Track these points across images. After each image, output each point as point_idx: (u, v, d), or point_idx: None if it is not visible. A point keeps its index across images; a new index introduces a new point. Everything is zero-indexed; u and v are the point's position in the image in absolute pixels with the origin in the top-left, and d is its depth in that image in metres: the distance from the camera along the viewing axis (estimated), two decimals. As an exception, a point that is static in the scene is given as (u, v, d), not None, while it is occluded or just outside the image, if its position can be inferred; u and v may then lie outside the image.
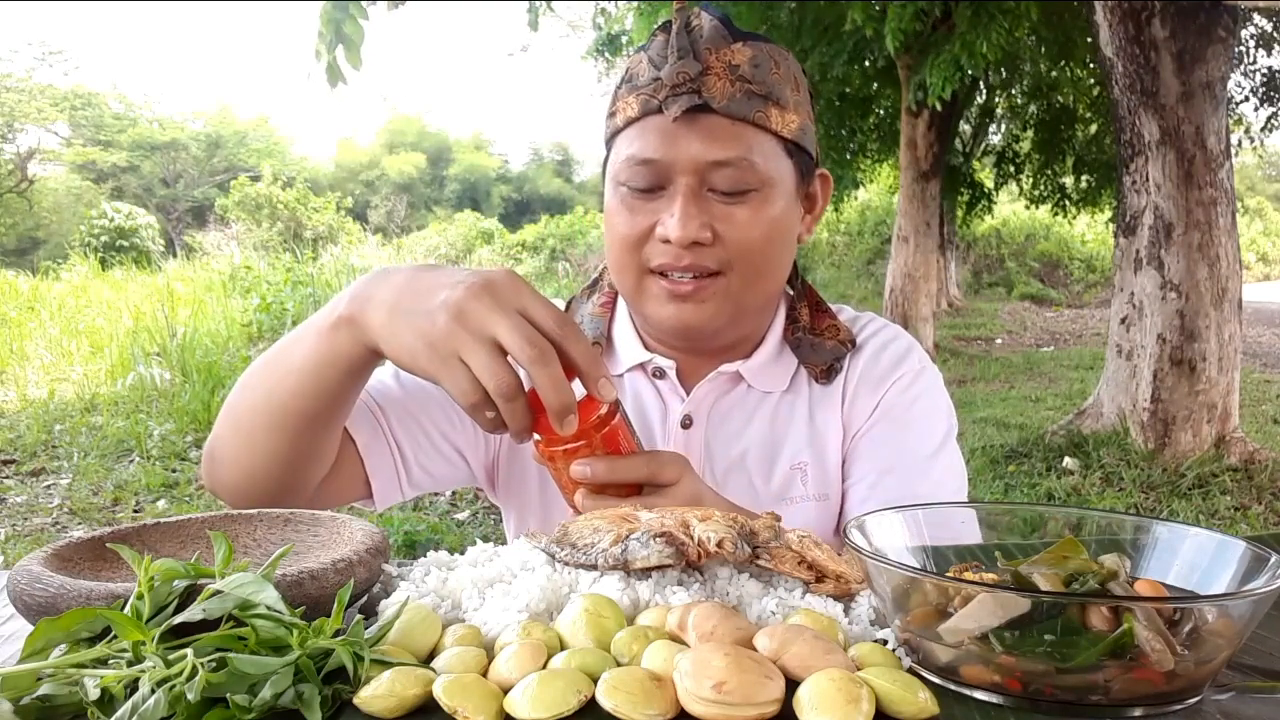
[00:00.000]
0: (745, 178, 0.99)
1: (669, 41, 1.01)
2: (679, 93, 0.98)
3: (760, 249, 1.02)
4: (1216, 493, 4.66)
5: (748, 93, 0.99)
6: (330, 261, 11.85)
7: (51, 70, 40.91)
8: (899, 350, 1.15)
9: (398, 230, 27.61)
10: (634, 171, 1.01)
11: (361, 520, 0.85)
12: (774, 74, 1.01)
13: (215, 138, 33.15)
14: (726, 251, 1.01)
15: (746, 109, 0.99)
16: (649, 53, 1.02)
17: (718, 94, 0.98)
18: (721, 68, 0.99)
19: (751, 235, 1.01)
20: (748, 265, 1.02)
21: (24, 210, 26.54)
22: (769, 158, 1.01)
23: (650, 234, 1.02)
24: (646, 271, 1.03)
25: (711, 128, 0.99)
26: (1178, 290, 4.96)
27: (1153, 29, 4.85)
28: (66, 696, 0.58)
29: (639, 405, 1.13)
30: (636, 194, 1.02)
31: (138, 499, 4.92)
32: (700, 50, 0.99)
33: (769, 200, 1.01)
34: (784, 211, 1.03)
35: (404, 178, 36.08)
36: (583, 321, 1.18)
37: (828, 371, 1.13)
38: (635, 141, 1.01)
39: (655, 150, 1.00)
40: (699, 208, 0.99)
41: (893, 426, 1.11)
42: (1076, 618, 0.58)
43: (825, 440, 1.12)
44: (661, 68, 1.00)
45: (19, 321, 9.28)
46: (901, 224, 9.59)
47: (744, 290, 1.04)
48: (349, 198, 29.27)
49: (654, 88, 1.00)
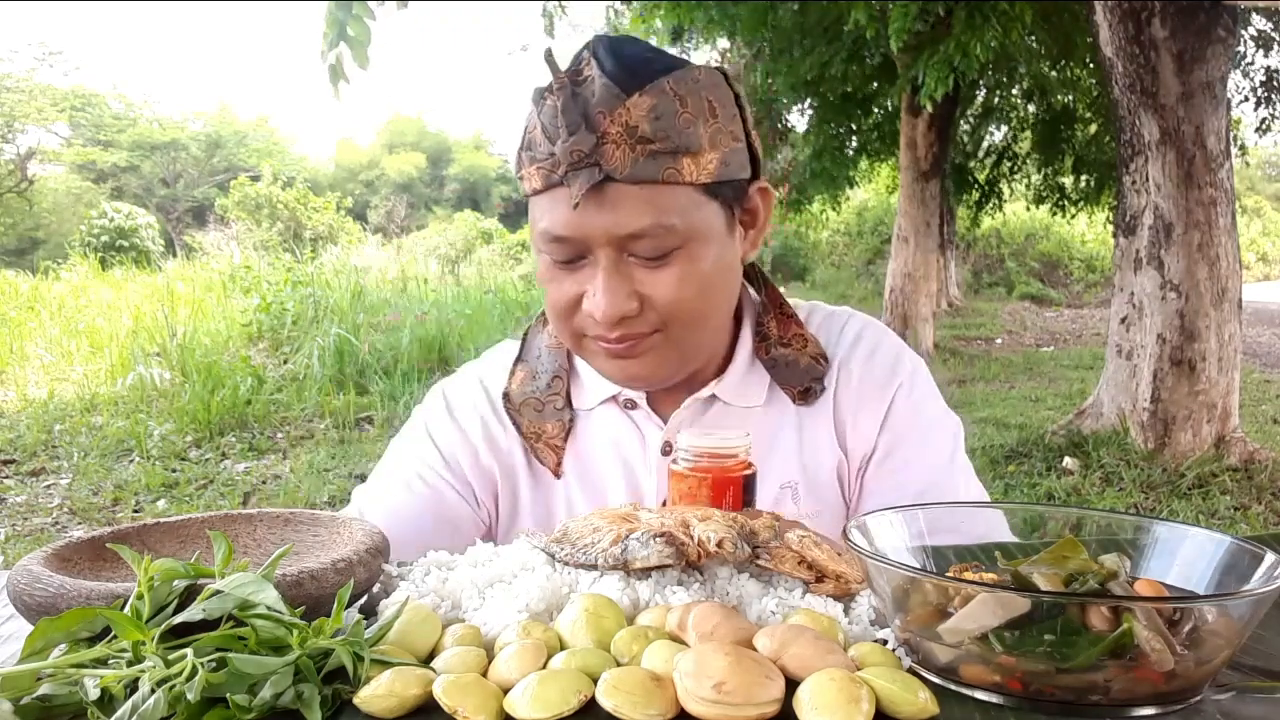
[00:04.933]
0: (664, 242, 0.94)
1: (558, 110, 0.92)
2: (578, 169, 0.91)
3: (692, 305, 0.98)
4: (1216, 493, 4.65)
5: (651, 154, 0.92)
6: (330, 261, 11.83)
7: (51, 70, 40.86)
8: (887, 360, 1.11)
9: (398, 230, 27.58)
10: (550, 247, 0.97)
11: (362, 520, 0.85)
12: (682, 116, 0.93)
13: (215, 138, 33.13)
14: (657, 313, 0.97)
15: (653, 171, 0.92)
16: (542, 119, 0.94)
17: (618, 164, 0.91)
18: (618, 132, 0.91)
19: (680, 294, 0.96)
20: (682, 323, 0.98)
21: (24, 210, 26.52)
22: (687, 212, 0.95)
23: (579, 303, 0.98)
24: (582, 336, 1.01)
25: (619, 199, 0.92)
26: (1178, 290, 4.96)
27: (1153, 29, 4.85)
28: (66, 696, 0.58)
29: (614, 437, 1.11)
30: (560, 265, 0.99)
31: (138, 499, 4.92)
32: (593, 117, 0.91)
33: (695, 256, 0.96)
34: (715, 258, 0.98)
35: (404, 178, 36.07)
36: (539, 356, 1.14)
37: (805, 394, 1.09)
38: (545, 216, 0.96)
39: (565, 228, 0.94)
40: (621, 279, 0.95)
41: (910, 446, 1.08)
42: (1076, 618, 0.58)
43: (817, 458, 1.09)
44: (555, 141, 0.93)
45: (19, 321, 9.27)
46: (901, 224, 9.59)
47: (684, 338, 1.00)
48: (349, 198, 29.26)
49: (551, 163, 0.93)
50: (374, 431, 6.29)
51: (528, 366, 1.14)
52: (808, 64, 8.54)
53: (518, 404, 1.12)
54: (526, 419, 1.11)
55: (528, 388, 1.13)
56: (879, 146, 11.57)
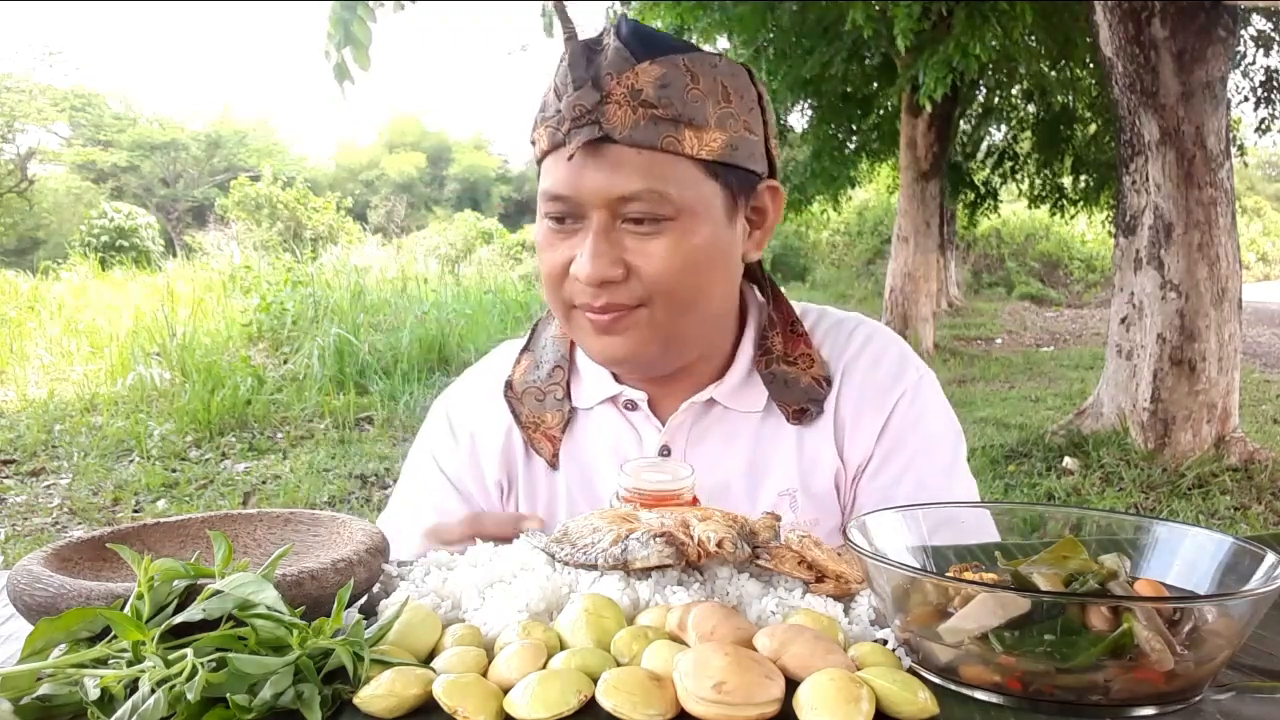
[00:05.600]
0: (657, 209, 0.94)
1: (567, 68, 0.95)
2: (579, 125, 0.93)
3: (680, 280, 0.97)
4: (1216, 493, 4.65)
5: (652, 118, 0.93)
6: (330, 261, 11.83)
7: (52, 70, 40.85)
8: (892, 368, 1.10)
9: (398, 230, 27.58)
10: (548, 206, 0.98)
11: (361, 520, 0.85)
12: (690, 91, 0.94)
13: (215, 138, 33.13)
14: (643, 285, 0.97)
15: (652, 136, 0.93)
16: (555, 78, 0.97)
17: (618, 123, 0.92)
18: (622, 94, 0.93)
19: (668, 267, 0.96)
20: (668, 297, 0.98)
21: (24, 210, 26.51)
22: (685, 185, 0.95)
23: (568, 269, 0.99)
24: (572, 306, 1.01)
25: (615, 160, 0.93)
26: (1178, 290, 4.96)
27: (1153, 29, 4.85)
28: (66, 696, 0.58)
29: (612, 438, 1.10)
30: (556, 228, 0.99)
31: (138, 499, 4.92)
32: (601, 77, 0.93)
33: (688, 230, 0.96)
34: (710, 238, 0.98)
35: (404, 178, 36.06)
36: (545, 345, 1.15)
37: (800, 414, 1.07)
38: (548, 176, 0.98)
39: (563, 186, 0.96)
40: (610, 243, 0.95)
41: (905, 457, 1.07)
42: (1076, 618, 0.58)
43: (816, 466, 1.08)
44: (562, 98, 0.95)
45: (19, 321, 9.27)
46: (901, 224, 9.59)
47: (670, 320, 0.99)
48: (349, 198, 29.25)
49: (557, 120, 0.95)
50: (374, 431, 6.29)
51: (533, 355, 1.15)
52: (808, 65, 8.53)
53: (519, 392, 1.12)
54: (527, 407, 1.11)
55: (530, 376, 1.13)
56: (879, 146, 11.56)
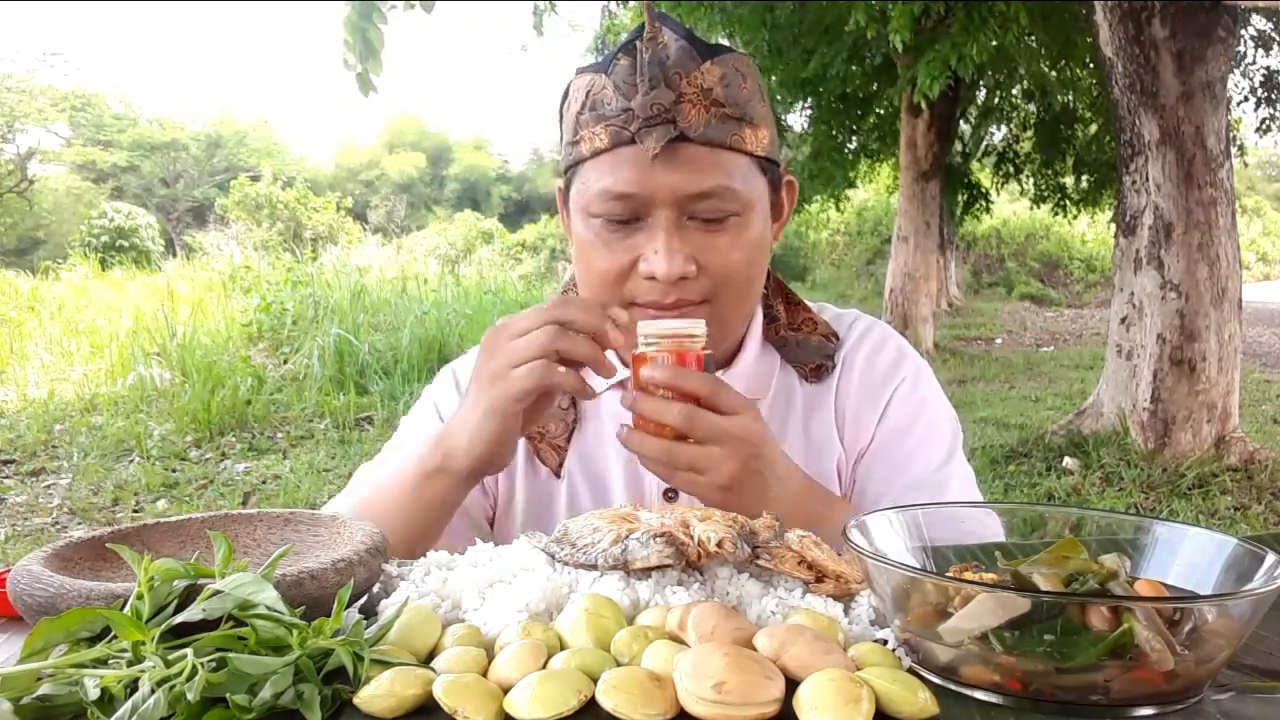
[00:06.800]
0: (726, 205, 0.97)
1: (637, 68, 0.96)
2: (654, 124, 0.94)
3: (743, 273, 1.00)
4: (1216, 493, 4.65)
5: (723, 116, 0.96)
6: (330, 261, 11.83)
7: (51, 71, 40.94)
8: (890, 357, 1.13)
9: (398, 230, 27.60)
10: (609, 205, 0.98)
11: (362, 520, 0.85)
12: (743, 90, 0.98)
13: (215, 138, 33.13)
14: (711, 280, 0.99)
15: (723, 134, 0.96)
16: (613, 78, 0.97)
17: (694, 122, 0.94)
18: (694, 93, 0.95)
19: (734, 261, 0.99)
20: (732, 291, 1.00)
21: (24, 210, 26.51)
22: (746, 180, 0.98)
23: (632, 269, 0.99)
24: (630, 305, 1.01)
25: (690, 158, 0.95)
26: (1178, 290, 4.96)
27: (1153, 29, 4.84)
28: (66, 696, 0.58)
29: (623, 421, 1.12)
30: (613, 227, 0.99)
31: (138, 499, 4.92)
32: (671, 76, 0.95)
33: (748, 223, 0.99)
34: (762, 231, 1.02)
35: (404, 178, 36.06)
36: None
37: (817, 370, 1.11)
38: (608, 174, 0.97)
39: (632, 184, 0.96)
40: (682, 241, 0.97)
41: (903, 444, 1.09)
42: (1076, 618, 0.58)
43: (821, 452, 1.10)
44: (631, 97, 0.95)
45: (19, 321, 9.27)
46: (901, 224, 9.59)
47: (729, 312, 1.03)
48: (349, 198, 29.24)
49: (625, 118, 0.95)
50: (374, 431, 6.29)
51: None
52: (809, 65, 8.53)
53: None
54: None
55: None
56: (878, 147, 11.57)
